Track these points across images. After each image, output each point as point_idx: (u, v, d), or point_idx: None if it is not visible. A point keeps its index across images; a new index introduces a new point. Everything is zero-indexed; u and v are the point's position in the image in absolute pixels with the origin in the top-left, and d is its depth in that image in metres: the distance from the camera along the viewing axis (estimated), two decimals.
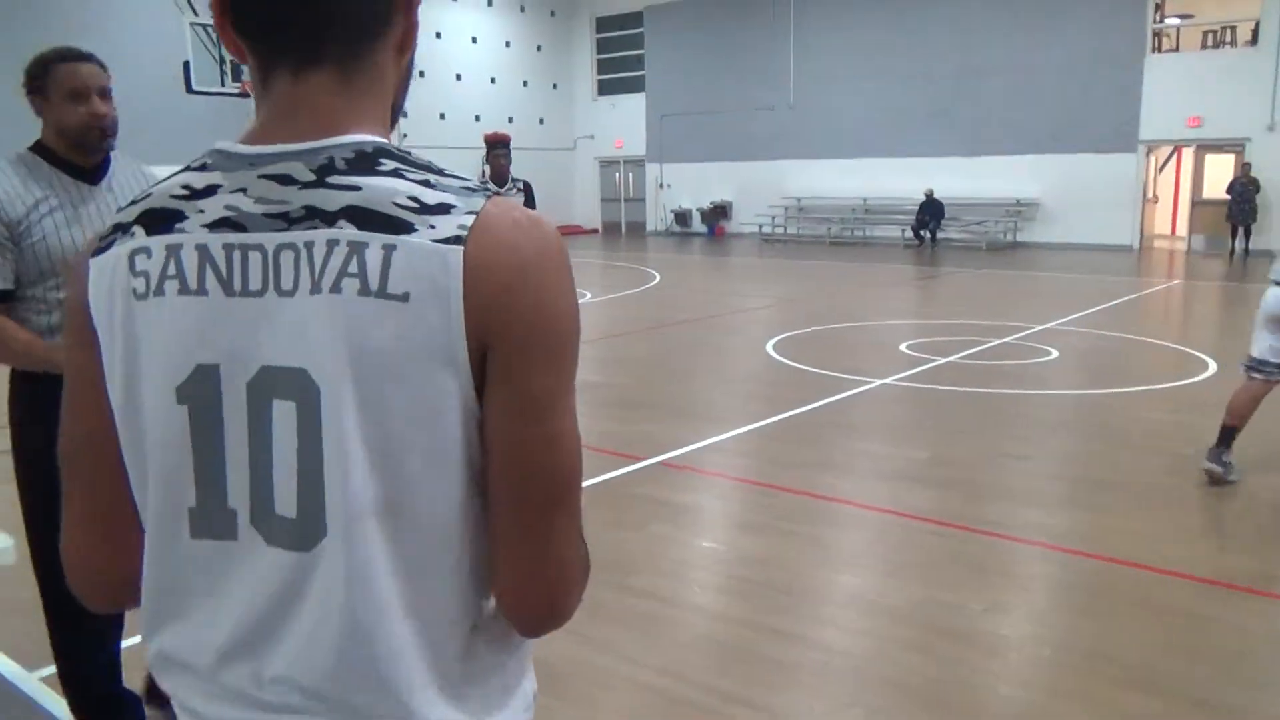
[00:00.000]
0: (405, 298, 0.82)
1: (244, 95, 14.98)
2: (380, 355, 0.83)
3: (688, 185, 26.16)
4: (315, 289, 0.84)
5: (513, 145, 7.07)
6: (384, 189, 0.85)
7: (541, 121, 27.07)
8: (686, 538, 4.56)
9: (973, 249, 20.42)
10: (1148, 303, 12.82)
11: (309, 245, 0.85)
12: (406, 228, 0.84)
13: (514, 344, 0.85)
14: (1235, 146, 19.12)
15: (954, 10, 21.30)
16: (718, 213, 25.61)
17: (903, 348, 8.98)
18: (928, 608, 3.75)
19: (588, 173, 28.44)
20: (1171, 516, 4.70)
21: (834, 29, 23.11)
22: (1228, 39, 20.30)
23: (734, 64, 24.80)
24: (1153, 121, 19.60)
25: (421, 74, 24.05)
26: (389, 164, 0.87)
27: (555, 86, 27.70)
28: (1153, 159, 21.01)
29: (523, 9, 26.43)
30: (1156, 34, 20.19)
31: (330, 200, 0.85)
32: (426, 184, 0.87)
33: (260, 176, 0.87)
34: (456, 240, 0.84)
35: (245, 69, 0.96)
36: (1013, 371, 8.04)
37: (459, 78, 24.96)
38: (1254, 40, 19.00)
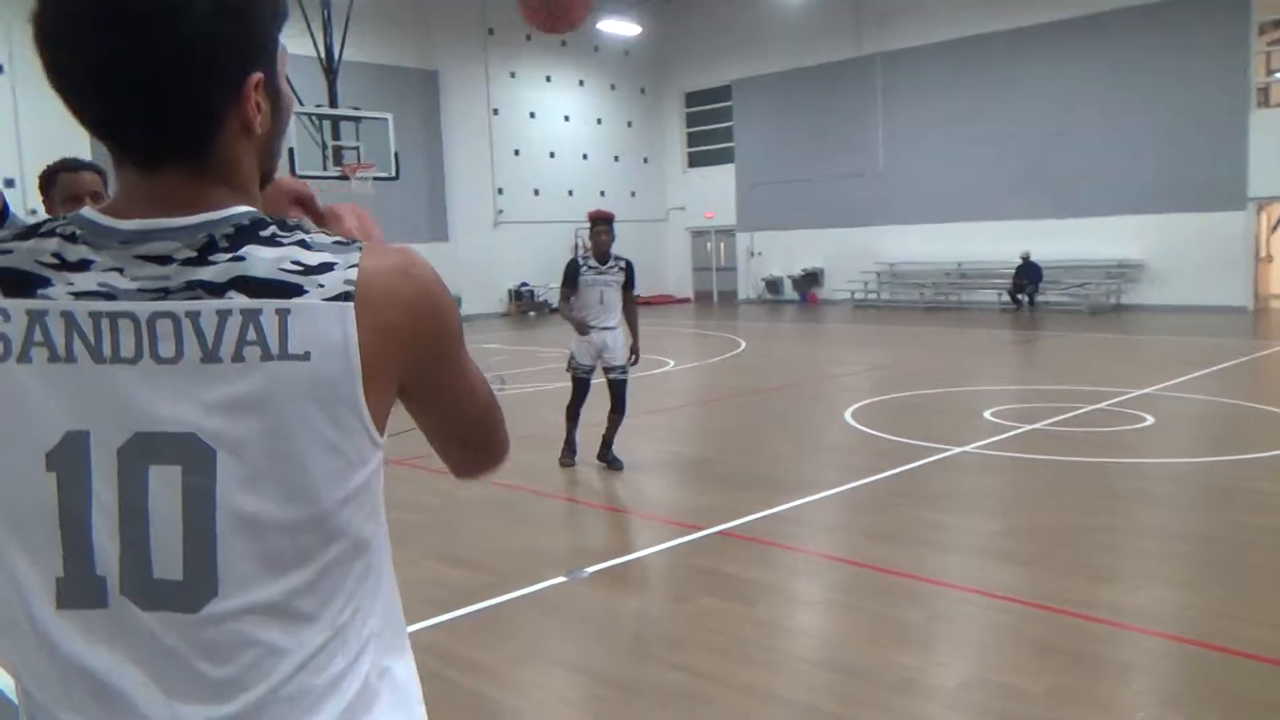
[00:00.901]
0: (307, 356, 0.88)
1: (344, 179, 15.73)
2: (285, 412, 0.88)
3: (779, 253, 26.16)
4: (211, 358, 0.87)
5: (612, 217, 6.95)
6: (266, 257, 0.90)
7: (633, 194, 27.55)
8: (739, 611, 4.46)
9: (1074, 312, 19.75)
10: (1259, 366, 12.14)
11: (193, 315, 0.87)
12: (296, 290, 0.89)
13: (416, 365, 0.98)
14: None
15: (1044, 71, 20.98)
16: (809, 280, 25.48)
17: (987, 414, 8.69)
18: (986, 690, 3.55)
19: (679, 243, 28.74)
20: (1270, 596, 4.38)
21: (921, 93, 23.02)
22: None
23: (821, 132, 24.89)
24: (1262, 177, 18.79)
25: (517, 152, 24.87)
26: (266, 231, 0.92)
27: (646, 160, 28.24)
28: (1264, 216, 20.09)
29: (613, 87, 27.15)
30: (1262, 89, 19.47)
31: (215, 274, 0.89)
32: (303, 245, 0.92)
33: (136, 257, 0.89)
34: (345, 296, 0.90)
35: (344, 153, 1.12)
36: (1103, 439, 7.69)
37: (552, 155, 25.67)
38: None
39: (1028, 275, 20.53)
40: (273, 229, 0.93)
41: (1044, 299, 20.59)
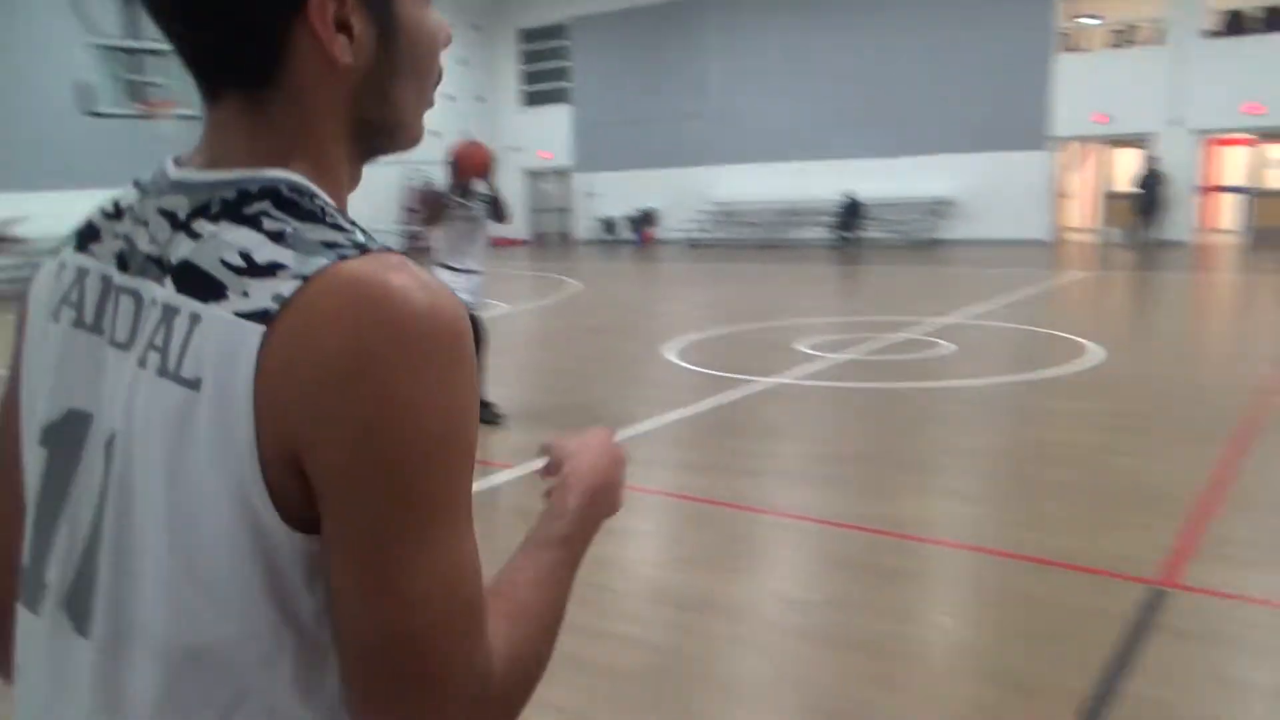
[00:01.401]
0: (196, 384, 0.67)
1: (146, 117, 14.66)
2: (160, 452, 0.68)
3: (615, 194, 26.18)
4: (141, 360, 0.71)
5: (438, 161, 6.56)
6: (224, 241, 0.69)
7: (468, 135, 26.90)
8: None
9: (895, 247, 20.68)
10: (1054, 293, 13.06)
11: (135, 296, 0.73)
12: (219, 293, 0.67)
13: (333, 466, 0.65)
14: (1140, 141, 19.63)
15: (870, 14, 21.63)
16: (645, 220, 25.66)
17: (805, 346, 9.01)
18: (773, 602, 3.73)
19: (515, 184, 28.32)
20: (1055, 505, 4.76)
21: (754, 35, 23.32)
22: (1133, 38, 20.85)
23: (658, 72, 24.92)
24: (1062, 119, 20.06)
25: None
26: (260, 206, 0.70)
27: (481, 99, 27.57)
28: (1063, 154, 21.50)
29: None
30: (1065, 34, 20.68)
31: (175, 250, 0.71)
32: (279, 236, 0.69)
33: (158, 210, 0.74)
34: (262, 315, 0.65)
35: (148, 89, 0.82)
36: (911, 366, 8.11)
37: None
38: (1158, 39, 19.54)
39: (851, 213, 21.32)
40: (268, 204, 0.70)
41: (868, 235, 21.46)
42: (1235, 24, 19.03)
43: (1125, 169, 20.13)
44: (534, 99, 28.00)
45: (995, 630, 3.47)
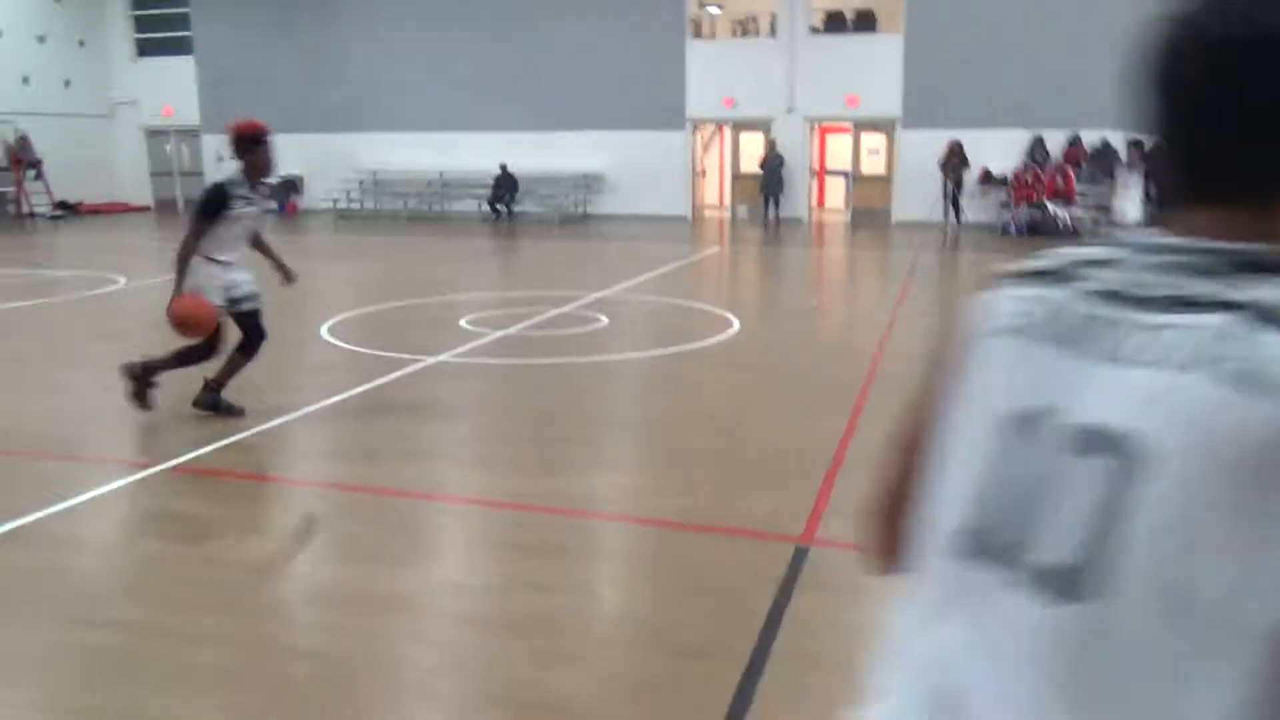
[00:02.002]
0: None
1: None
2: (1244, 451, 0.79)
3: None
4: (1186, 368, 0.83)
5: (31, 111, 5.59)
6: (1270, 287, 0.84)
7: (68, 84, 23.59)
8: (186, 552, 4.04)
9: (547, 221, 21.06)
10: (694, 268, 13.96)
11: (1186, 327, 0.85)
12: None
13: None
14: (763, 126, 21.50)
15: None
16: (287, 188, 24.01)
17: (464, 322, 8.89)
18: (434, 593, 3.61)
19: (131, 144, 25.32)
20: (700, 471, 5.02)
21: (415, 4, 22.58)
22: (753, 28, 22.70)
23: (299, 29, 23.31)
24: (695, 102, 21.44)
25: None
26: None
27: (82, 44, 24.25)
28: (699, 135, 23.02)
29: None
30: (695, 21, 22.07)
31: (1233, 292, 0.84)
32: None
33: (1159, 265, 0.90)
34: None
35: None
36: (567, 340, 8.27)
37: None
38: (773, 32, 21.42)
39: (505, 186, 21.42)
40: None
41: (521, 209, 21.67)
42: (835, 22, 21.36)
43: (752, 151, 21.95)
44: (149, 48, 25.10)
45: (659, 599, 3.61)
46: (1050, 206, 18.64)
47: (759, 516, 4.29)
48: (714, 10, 23.29)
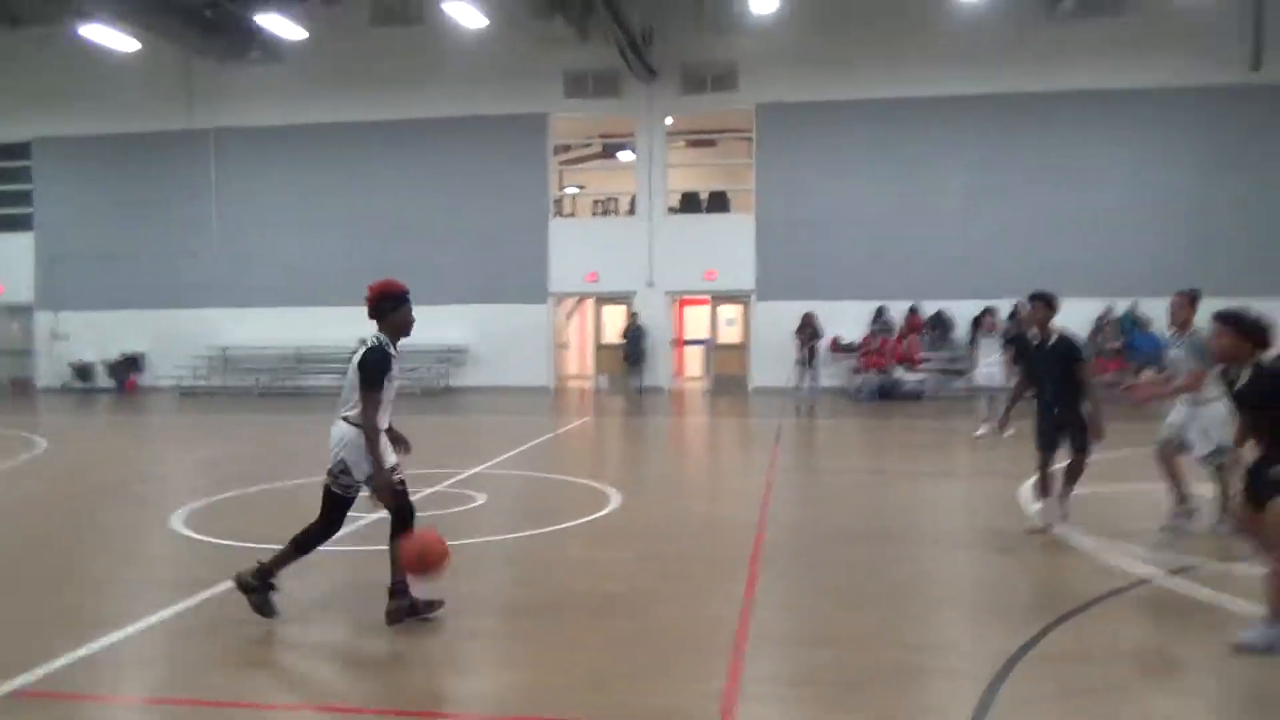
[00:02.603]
0: None
1: None
2: None
3: (91, 335, 23.12)
4: None
5: None
6: None
7: None
8: None
9: (408, 394, 20.69)
10: (562, 440, 13.88)
11: None
12: None
13: None
14: (625, 299, 22.12)
15: (385, 165, 22.13)
16: (128, 365, 22.93)
17: None
18: None
19: None
20: (590, 660, 4.78)
21: (261, 173, 22.58)
22: (614, 208, 23.71)
23: (146, 204, 22.87)
24: (559, 276, 21.94)
25: None
26: None
27: None
28: (561, 308, 23.47)
29: None
30: (558, 201, 22.88)
31: None
32: None
33: None
34: None
35: None
36: (444, 521, 7.93)
37: None
38: (632, 210, 22.40)
39: None
40: None
41: None
42: (691, 202, 22.55)
43: (614, 323, 22.47)
44: None
45: None
46: (897, 372, 19.68)
47: (672, 708, 4.09)
48: (574, 190, 24.29)
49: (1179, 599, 5.73)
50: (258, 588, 5.25)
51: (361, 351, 5.18)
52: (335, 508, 5.35)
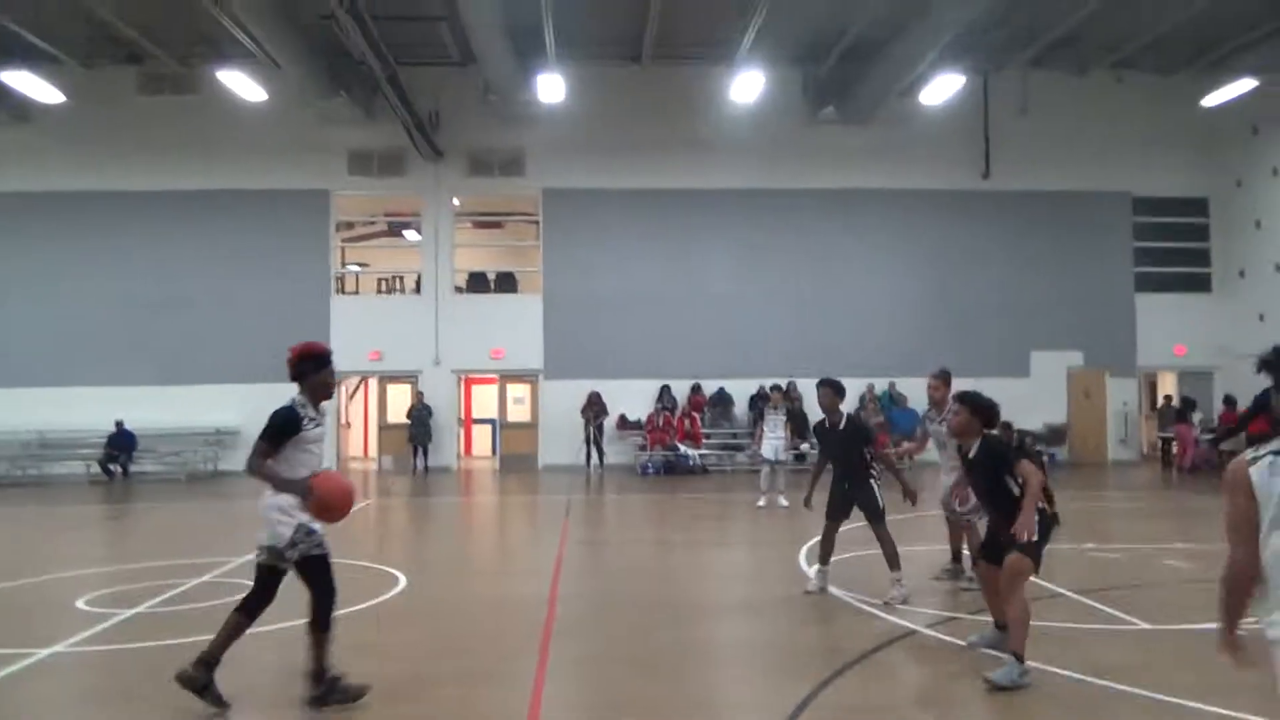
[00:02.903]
0: None
1: None
2: None
3: None
4: None
5: None
6: None
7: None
8: None
9: (172, 480, 19.24)
10: (348, 522, 13.25)
11: None
12: None
13: None
14: (410, 378, 21.68)
15: (156, 237, 20.85)
16: None
17: (81, 603, 7.68)
18: None
19: None
20: None
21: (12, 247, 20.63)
22: (399, 286, 23.30)
23: None
24: (341, 354, 21.09)
25: None
26: None
27: None
28: (344, 388, 22.66)
29: None
30: (340, 278, 22.26)
31: None
32: None
33: None
34: None
35: None
36: (209, 614, 7.38)
37: None
38: (418, 289, 22.12)
39: (120, 444, 19.47)
40: None
41: (139, 468, 19.68)
42: (478, 282, 22.55)
43: (399, 402, 21.90)
44: None
45: None
46: (681, 448, 20.28)
47: None
48: (356, 268, 23.76)
49: (943, 645, 6.19)
50: (205, 683, 5.04)
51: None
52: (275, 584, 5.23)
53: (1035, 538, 5.26)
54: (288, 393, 5.33)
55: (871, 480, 7.66)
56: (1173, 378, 22.92)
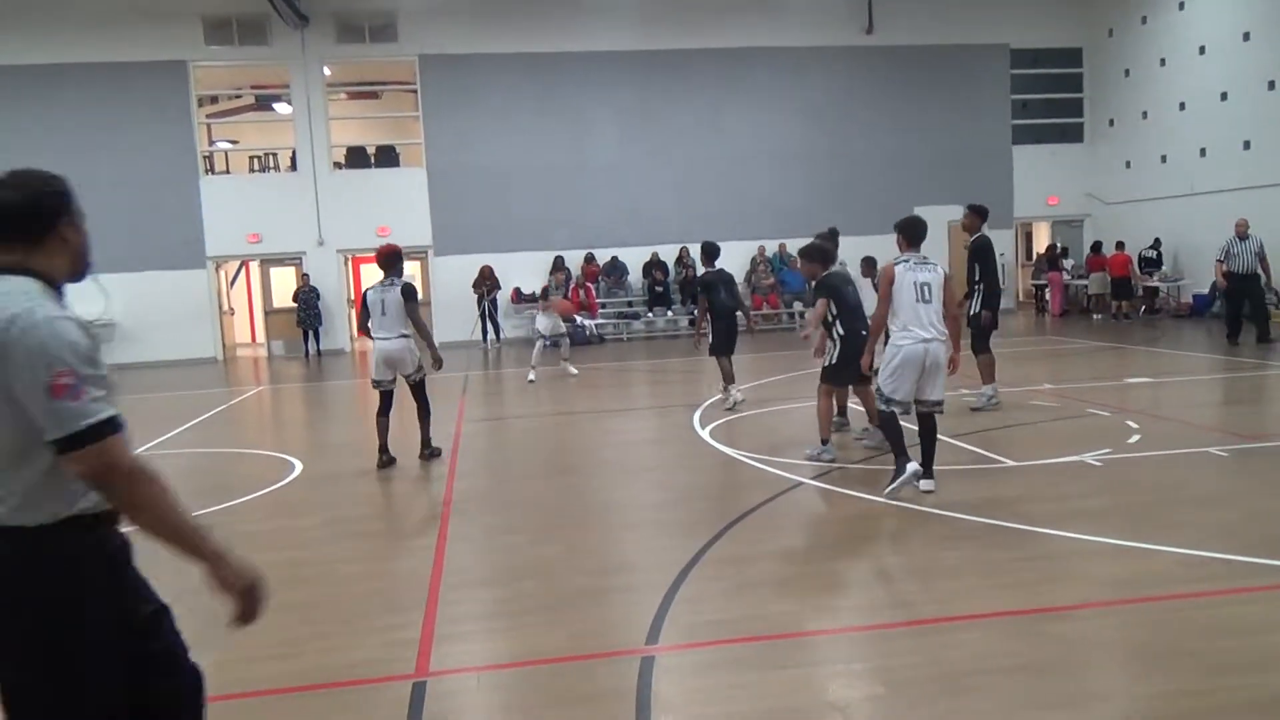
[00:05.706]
0: None
1: None
2: None
3: None
4: None
5: None
6: None
7: None
8: None
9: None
10: (234, 411, 13.05)
11: None
12: None
13: None
14: (294, 260, 20.97)
15: None
16: None
17: None
18: None
19: None
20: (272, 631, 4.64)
21: None
22: (273, 164, 22.19)
23: None
24: (218, 238, 20.32)
25: None
26: None
27: None
28: (224, 273, 21.82)
29: None
30: (207, 157, 21.08)
31: None
32: None
33: None
34: None
35: None
36: None
37: None
38: (294, 166, 21.14)
39: None
40: None
41: None
42: (358, 156, 21.67)
43: (284, 285, 21.23)
44: None
45: None
46: (577, 319, 20.32)
47: (369, 661, 4.09)
48: (226, 145, 22.52)
49: (826, 494, 6.54)
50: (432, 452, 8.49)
51: (401, 285, 8.11)
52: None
53: (831, 362, 7.44)
54: (158, 283, 5.11)
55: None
56: (1046, 227, 23.84)
